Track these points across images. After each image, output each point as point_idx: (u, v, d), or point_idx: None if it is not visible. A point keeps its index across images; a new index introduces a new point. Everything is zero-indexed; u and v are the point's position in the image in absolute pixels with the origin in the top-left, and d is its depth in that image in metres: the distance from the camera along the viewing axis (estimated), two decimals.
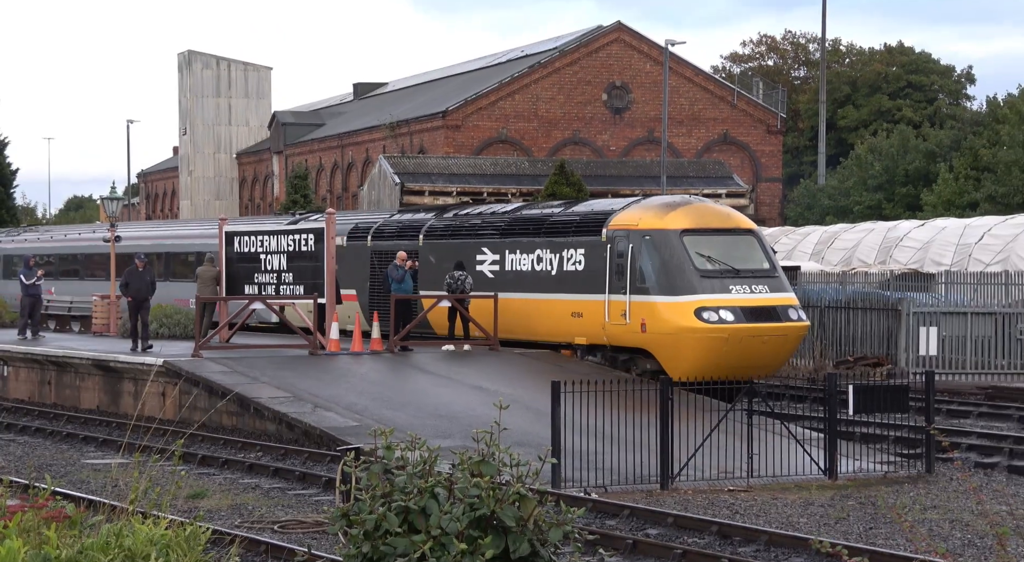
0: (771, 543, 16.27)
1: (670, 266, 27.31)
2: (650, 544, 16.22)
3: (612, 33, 69.21)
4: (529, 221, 31.46)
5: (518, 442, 17.63)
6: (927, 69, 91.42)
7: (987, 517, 6.69)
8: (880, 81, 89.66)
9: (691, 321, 26.62)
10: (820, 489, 20.58)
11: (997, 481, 21.37)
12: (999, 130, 72.38)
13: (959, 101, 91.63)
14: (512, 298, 30.53)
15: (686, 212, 28.32)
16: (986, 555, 15.62)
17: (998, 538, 6.36)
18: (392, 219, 35.91)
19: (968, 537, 16.77)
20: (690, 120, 68.62)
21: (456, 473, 6.75)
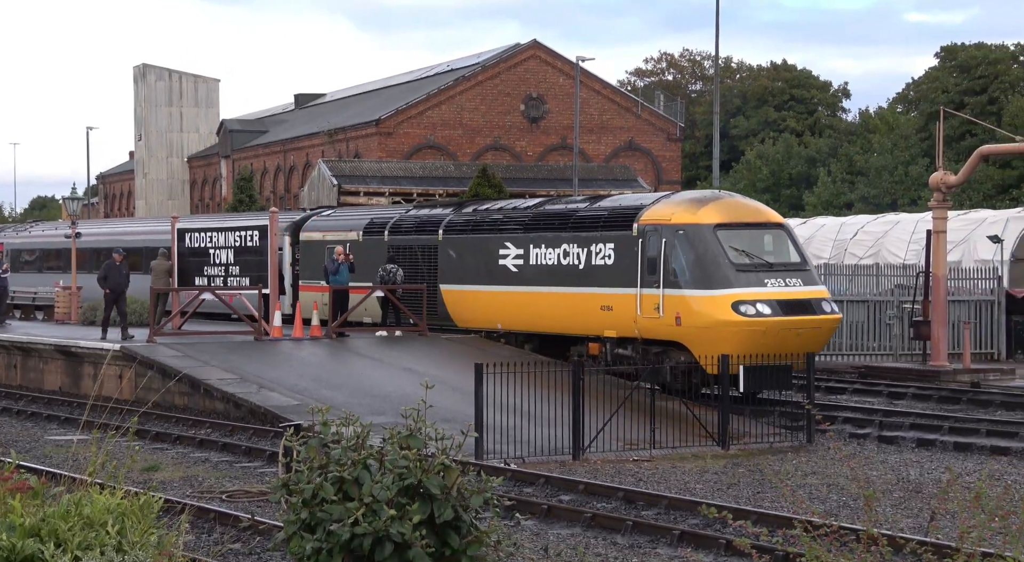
0: (671, 507, 16.34)
1: (705, 260, 25.24)
2: (563, 509, 16.25)
3: (529, 50, 69.29)
4: (554, 216, 29.10)
5: (444, 418, 17.60)
6: (808, 84, 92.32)
7: (858, 481, 6.75)
8: (767, 94, 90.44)
9: (728, 315, 24.63)
10: (714, 458, 20.71)
11: (868, 449, 21.63)
12: (871, 139, 73.25)
13: (836, 113, 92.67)
14: (537, 292, 28.57)
15: (718, 207, 26.24)
16: (858, 514, 15.77)
17: (866, 500, 6.41)
18: (409, 214, 33.48)
19: (843, 499, 16.95)
20: (599, 128, 68.80)
21: (386, 446, 6.71)
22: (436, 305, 30.87)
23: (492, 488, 6.79)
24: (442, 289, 30.79)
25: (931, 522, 7.10)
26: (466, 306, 30.16)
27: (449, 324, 30.61)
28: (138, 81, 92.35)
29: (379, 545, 6.26)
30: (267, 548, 12.22)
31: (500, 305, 29.21)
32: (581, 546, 14.40)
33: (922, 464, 19.99)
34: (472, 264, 30.01)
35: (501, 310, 29.18)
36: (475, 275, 30.03)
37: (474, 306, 30.04)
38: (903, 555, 6.29)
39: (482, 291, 29.86)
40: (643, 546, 14.44)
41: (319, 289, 33.04)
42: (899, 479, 18.69)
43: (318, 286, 33.18)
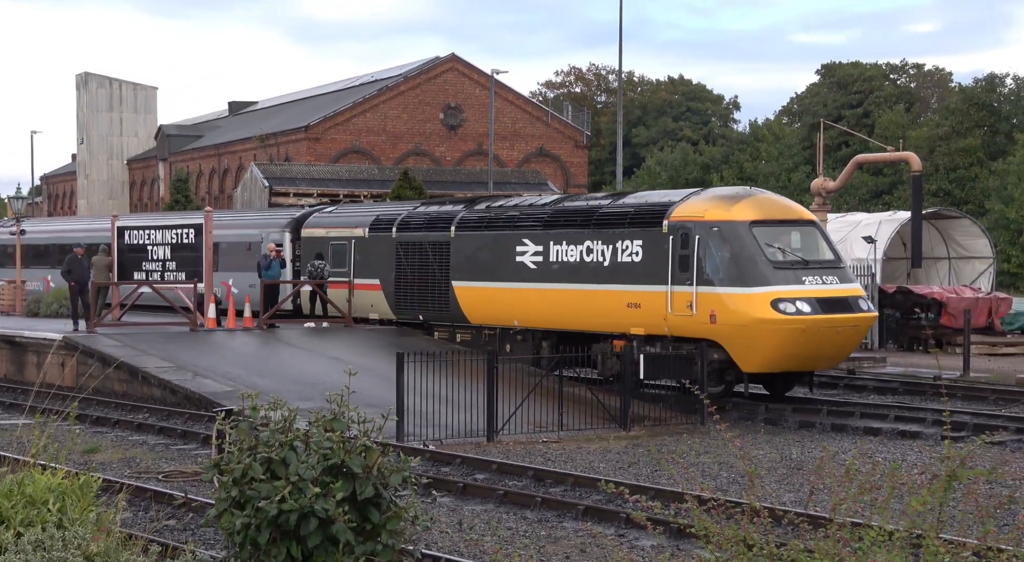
0: (576, 484, 16.41)
1: (741, 258, 23.11)
2: (477, 487, 16.26)
3: (447, 63, 69.25)
4: (577, 212, 26.50)
5: (368, 404, 17.50)
6: (703, 97, 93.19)
7: (745, 460, 6.85)
8: (666, 106, 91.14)
9: (767, 313, 22.55)
10: (617, 439, 20.81)
11: (756, 432, 21.87)
12: (759, 148, 74.13)
13: (728, 124, 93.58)
14: (558, 289, 26.12)
15: (752, 203, 24.02)
16: (745, 490, 15.96)
17: (749, 476, 6.49)
18: (417, 211, 30.62)
19: (732, 476, 17.13)
20: (512, 136, 68.91)
21: (312, 429, 6.67)
22: (447, 302, 28.52)
23: (410, 467, 6.78)
24: (454, 286, 28.36)
25: (810, 496, 7.21)
26: (480, 303, 27.86)
27: (461, 322, 28.32)
28: (80, 88, 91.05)
29: (304, 520, 6.23)
30: (200, 524, 12.09)
31: (517, 302, 26.92)
32: (494, 521, 14.42)
33: (803, 444, 20.24)
34: (487, 261, 27.65)
35: (518, 307, 26.87)
36: (490, 272, 27.61)
37: (489, 303, 27.68)
38: (783, 525, 6.38)
39: (498, 288, 27.44)
40: (551, 520, 14.49)
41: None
42: (782, 457, 18.92)
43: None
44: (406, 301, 29.34)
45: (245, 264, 34.18)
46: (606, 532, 13.47)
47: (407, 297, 29.34)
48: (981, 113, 68.20)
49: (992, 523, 5.86)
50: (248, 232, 35.57)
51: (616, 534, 13.47)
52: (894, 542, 5.69)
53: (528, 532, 13.87)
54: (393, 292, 29.76)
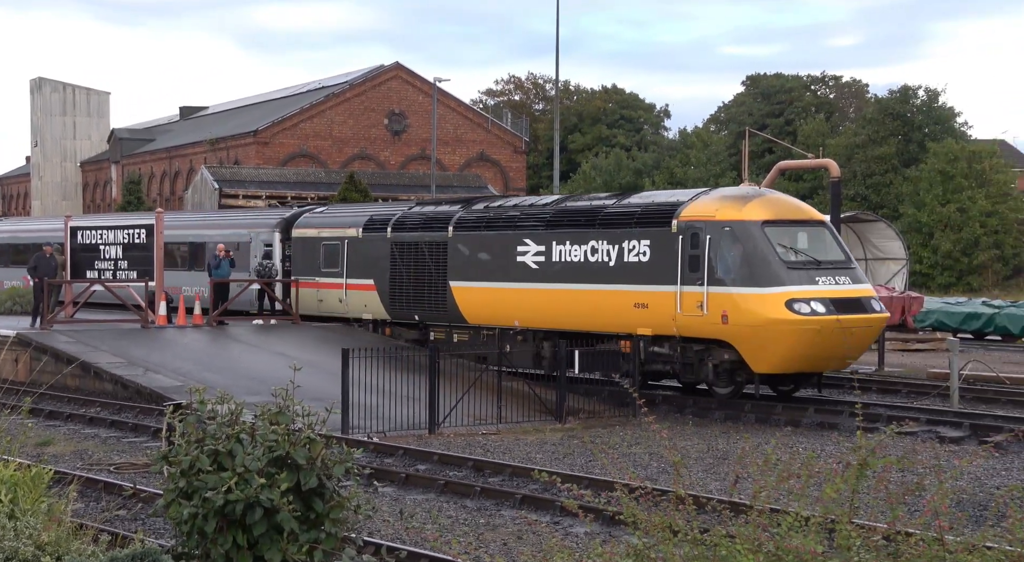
0: (514, 474, 16.43)
1: (754, 258, 21.94)
2: (419, 477, 16.23)
3: (392, 71, 69.09)
4: (580, 212, 25.15)
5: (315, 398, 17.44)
6: (635, 105, 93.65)
7: (673, 450, 6.90)
8: (600, 114, 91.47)
9: (782, 313, 21.45)
10: (553, 431, 20.84)
11: (683, 424, 22.02)
12: (688, 154, 74.65)
13: (659, 131, 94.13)
14: (561, 289, 24.85)
15: (763, 203, 22.92)
16: (673, 479, 16.06)
17: (676, 466, 6.53)
18: (412, 211, 29.15)
19: (662, 466, 17.22)
20: (454, 141, 68.87)
21: (258, 422, 6.64)
22: (445, 302, 27.15)
23: (353, 459, 6.76)
24: (452, 286, 26.99)
25: (734, 484, 7.26)
26: (479, 303, 26.53)
27: (459, 322, 26.96)
28: (34, 93, 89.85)
29: (250, 510, 6.20)
30: (149, 514, 11.98)
31: (518, 302, 25.60)
32: (435, 509, 14.41)
33: (728, 435, 20.40)
34: (487, 261, 26.34)
35: (519, 307, 25.55)
36: (490, 272, 26.32)
37: (488, 303, 26.36)
38: (707, 512, 6.43)
39: (498, 288, 26.13)
40: (489, 509, 14.50)
41: (313, 285, 30.54)
42: (709, 448, 19.06)
43: (313, 282, 30.57)
44: (401, 301, 28.18)
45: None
46: (542, 520, 13.52)
47: (402, 297, 28.16)
48: (895, 123, 69.12)
49: (901, 508, 5.95)
50: (237, 232, 34.44)
51: (551, 521, 13.51)
52: (810, 527, 5.76)
53: (468, 520, 13.87)
54: (388, 292, 28.57)
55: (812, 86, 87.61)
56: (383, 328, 28.81)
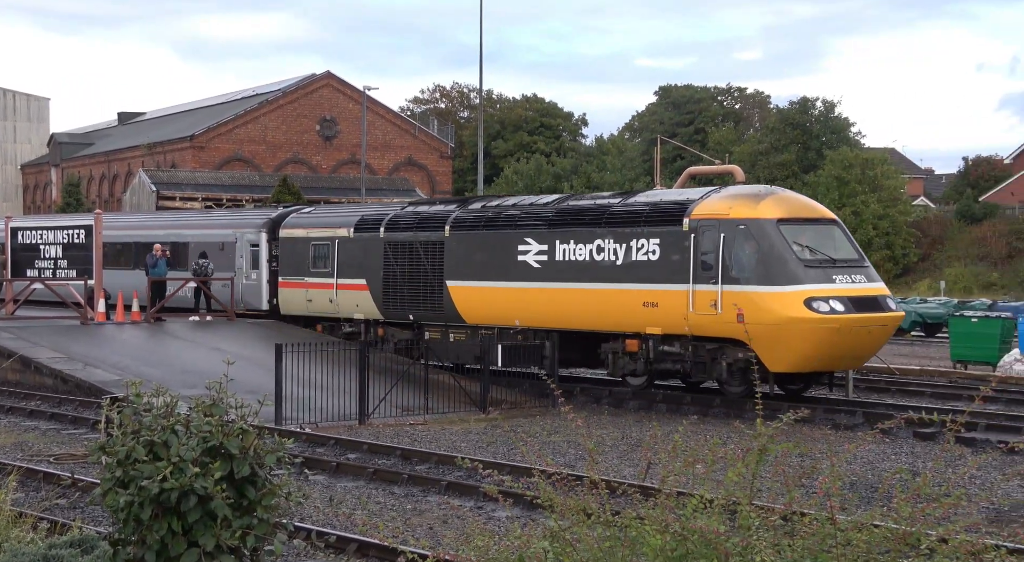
0: (439, 462, 16.42)
1: (771, 256, 20.69)
2: (350, 465, 16.16)
3: (323, 79, 68.66)
4: (585, 211, 23.68)
5: (249, 391, 17.32)
6: (555, 114, 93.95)
7: (589, 438, 6.95)
8: (522, 122, 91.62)
9: (801, 312, 20.19)
10: (477, 421, 20.85)
11: (600, 413, 22.15)
12: (604, 160, 75.09)
13: (577, 138, 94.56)
14: (565, 288, 23.43)
15: (776, 201, 21.64)
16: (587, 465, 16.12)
17: (590, 453, 6.58)
18: (406, 211, 27.53)
19: (579, 453, 17.30)
20: (383, 146, 68.59)
21: (192, 414, 6.57)
22: (441, 302, 25.66)
23: (284, 448, 6.72)
24: (448, 286, 25.50)
25: (646, 470, 7.33)
26: (477, 303, 25.05)
27: (456, 321, 25.45)
28: None
29: (184, 498, 6.14)
30: (87, 503, 11.79)
31: (518, 301, 24.14)
32: (364, 496, 14.35)
33: (642, 424, 20.54)
34: (486, 260, 24.85)
35: (519, 306, 24.10)
36: (489, 271, 24.81)
37: (487, 303, 24.88)
38: (618, 496, 6.49)
39: (498, 287, 24.66)
40: (416, 495, 14.48)
41: (301, 285, 29.02)
42: (624, 436, 19.19)
43: (301, 282, 29.04)
44: (395, 301, 26.66)
45: (219, 264, 31.48)
46: (466, 505, 13.53)
47: (396, 297, 26.64)
48: (796, 132, 70.13)
49: (797, 491, 6.06)
50: (221, 232, 32.75)
51: (475, 506, 13.52)
52: (713, 509, 5.83)
53: (395, 506, 13.83)
54: (381, 292, 26.97)
55: (719, 97, 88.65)
56: (376, 328, 27.32)
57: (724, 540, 5.42)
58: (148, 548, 6.28)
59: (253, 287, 30.74)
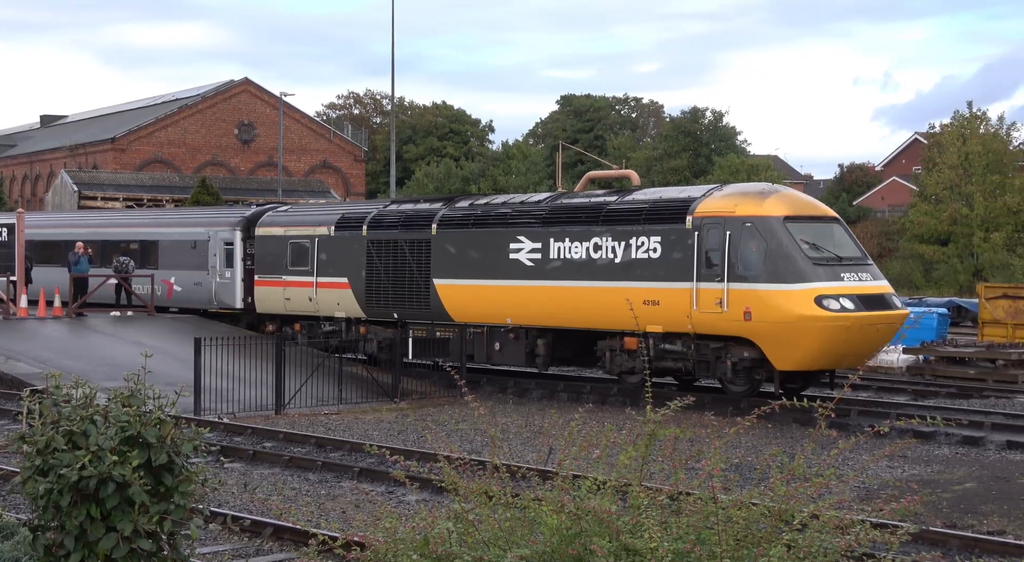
0: (352, 449, 16.34)
1: (779, 254, 19.55)
2: (266, 453, 16.00)
3: (241, 85, 67.78)
4: (581, 209, 22.36)
5: (168, 383, 17.03)
6: (463, 120, 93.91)
7: (495, 426, 6.99)
8: (432, 128, 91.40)
9: (811, 310, 19.06)
10: (389, 411, 20.79)
11: (504, 402, 22.23)
12: (510, 164, 75.24)
13: (484, 143, 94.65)
14: (560, 286, 22.11)
15: (781, 199, 20.52)
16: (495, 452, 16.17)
17: (492, 440, 6.62)
18: (389, 210, 25.95)
19: (484, 440, 17.32)
20: (299, 150, 67.90)
21: (111, 405, 6.45)
22: (428, 300, 24.25)
23: (201, 437, 6.63)
24: (436, 284, 24.08)
25: (549, 455, 7.39)
26: (466, 301, 23.65)
27: (443, 320, 24.05)
28: None
29: (103, 485, 6.03)
30: (7, 491, 11.49)
31: (510, 300, 22.80)
32: (280, 482, 14.23)
33: (544, 413, 20.68)
34: (476, 259, 23.49)
35: (511, 305, 22.77)
36: (479, 270, 23.47)
37: (477, 301, 23.50)
38: (518, 479, 6.54)
39: (488, 285, 23.30)
40: (330, 481, 14.39)
41: (278, 284, 27.39)
42: (527, 424, 19.29)
43: (278, 281, 27.35)
44: (379, 300, 25.21)
45: (190, 262, 29.88)
46: (377, 490, 13.48)
47: (380, 296, 25.20)
48: (687, 139, 71.09)
49: (683, 472, 6.16)
50: (194, 230, 30.65)
51: (386, 491, 13.48)
52: (606, 490, 5.91)
53: (310, 491, 13.73)
54: (364, 291, 25.50)
55: (617, 106, 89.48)
56: (358, 327, 25.77)
57: (615, 519, 5.49)
58: (67, 533, 6.16)
59: (227, 286, 29.17)
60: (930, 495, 13.36)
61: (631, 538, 5.43)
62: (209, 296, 29.40)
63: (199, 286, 29.55)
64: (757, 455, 15.76)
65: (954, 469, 15.36)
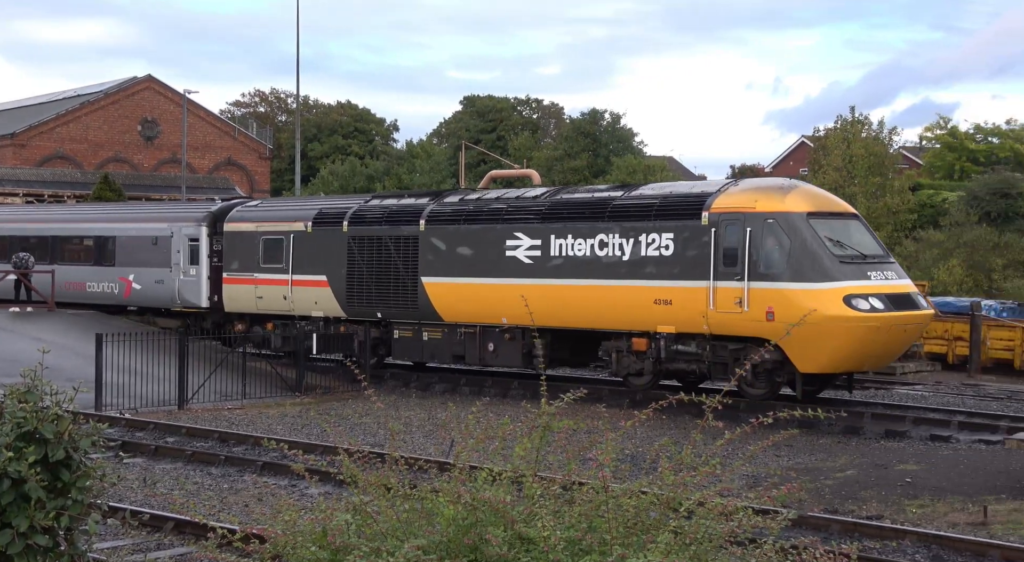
0: (256, 444, 16.15)
1: (804, 251, 18.29)
2: (168, 448, 15.73)
3: (144, 82, 66.33)
4: (585, 205, 20.95)
5: (69, 378, 16.65)
6: (368, 119, 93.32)
7: (391, 420, 6.98)
8: (337, 126, 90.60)
9: (841, 310, 17.86)
10: (293, 405, 20.62)
11: (408, 397, 22.18)
12: (415, 163, 74.98)
13: (389, 142, 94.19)
14: (563, 285, 20.73)
15: (802, 195, 19.27)
16: (396, 445, 16.14)
17: (391, 433, 6.62)
18: (372, 205, 24.33)
19: (387, 434, 17.31)
20: (203, 147, 66.68)
21: (6, 401, 6.27)
22: (416, 299, 22.84)
23: (100, 432, 6.48)
24: (424, 282, 22.66)
25: (451, 447, 7.41)
26: (458, 300, 22.23)
27: (432, 319, 22.68)
28: None
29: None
30: None
31: (506, 299, 21.30)
32: (182, 477, 13.99)
33: (446, 406, 20.73)
34: (469, 256, 22.08)
35: (507, 304, 21.26)
36: (473, 268, 22.05)
37: (470, 300, 22.08)
38: (416, 472, 6.55)
39: (482, 284, 21.87)
40: (232, 475, 14.20)
41: (249, 281, 25.75)
42: (430, 417, 19.29)
43: (250, 279, 25.75)
44: (361, 298, 23.76)
45: (151, 259, 27.99)
46: (280, 484, 13.34)
47: (362, 294, 23.75)
48: (587, 140, 71.72)
49: (576, 463, 6.24)
50: (155, 226, 28.49)
51: (289, 485, 13.35)
52: (502, 481, 5.95)
53: (212, 485, 13.53)
54: (344, 289, 24.04)
55: (519, 107, 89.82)
56: (337, 327, 24.47)
57: (510, 509, 5.53)
58: None
59: (192, 284, 27.28)
60: (812, 483, 13.75)
61: (525, 527, 5.48)
62: (172, 295, 27.56)
63: (161, 284, 27.72)
64: (651, 446, 16.01)
65: (836, 457, 15.81)
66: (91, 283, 28.99)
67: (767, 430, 7.24)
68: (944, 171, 53.64)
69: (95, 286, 28.85)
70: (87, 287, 29.13)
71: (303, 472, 6.77)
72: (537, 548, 5.32)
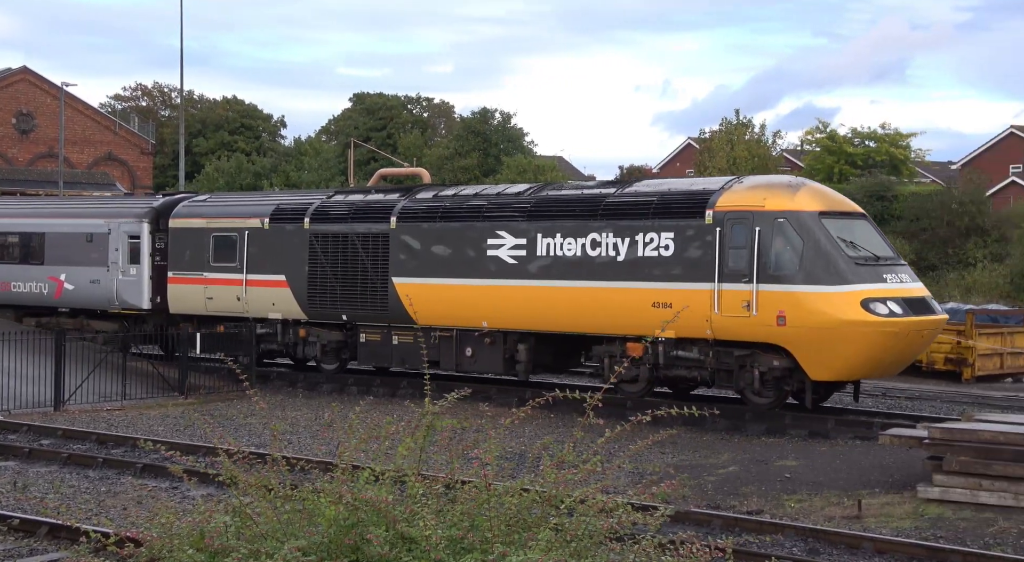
0: (136, 445, 15.77)
1: (818, 252, 17.14)
2: (43, 451, 15.25)
3: (19, 74, 64.13)
4: (574, 202, 19.54)
5: None
6: (255, 115, 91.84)
7: (274, 420, 6.91)
8: (223, 122, 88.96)
9: (858, 314, 16.75)
10: (176, 406, 20.20)
11: (294, 397, 21.89)
12: (303, 160, 74.14)
13: (276, 139, 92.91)
14: (550, 286, 19.33)
15: (813, 193, 18.11)
16: (281, 445, 15.98)
17: (273, 432, 6.57)
18: (336, 201, 22.70)
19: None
20: (82, 141, 64.75)
21: None
22: (386, 301, 21.28)
23: None
24: (396, 283, 21.12)
25: (340, 446, 7.34)
26: (433, 302, 20.63)
27: (403, 322, 21.14)
28: None
29: None
30: None
31: (487, 301, 19.98)
32: (57, 480, 13.58)
33: (331, 407, 20.49)
34: (445, 255, 20.59)
35: (488, 306, 19.95)
36: (450, 268, 20.52)
37: (447, 302, 20.55)
38: (299, 472, 6.49)
39: (460, 285, 20.38)
40: (111, 478, 13.84)
41: (198, 281, 23.90)
42: (316, 417, 19.10)
43: (199, 278, 23.91)
44: (324, 300, 22.17)
45: (85, 258, 25.87)
46: (161, 486, 13.06)
47: (325, 296, 22.15)
48: (477, 139, 71.86)
49: (459, 462, 6.26)
50: (91, 222, 26.19)
51: (171, 487, 13.08)
52: (384, 480, 5.94)
53: (90, 489, 13.18)
54: (306, 289, 22.39)
55: (409, 105, 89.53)
56: (297, 329, 22.96)
57: (392, 508, 5.53)
58: None
59: (132, 284, 25.23)
60: (695, 479, 14.05)
61: (407, 527, 5.48)
62: (109, 295, 25.50)
63: (96, 284, 25.67)
64: (535, 444, 16.12)
65: (719, 454, 16.16)
66: (17, 283, 26.97)
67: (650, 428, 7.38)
68: (824, 174, 55.28)
69: (21, 286, 26.85)
70: (12, 287, 27.11)
71: (181, 474, 6.65)
72: (419, 547, 5.34)
